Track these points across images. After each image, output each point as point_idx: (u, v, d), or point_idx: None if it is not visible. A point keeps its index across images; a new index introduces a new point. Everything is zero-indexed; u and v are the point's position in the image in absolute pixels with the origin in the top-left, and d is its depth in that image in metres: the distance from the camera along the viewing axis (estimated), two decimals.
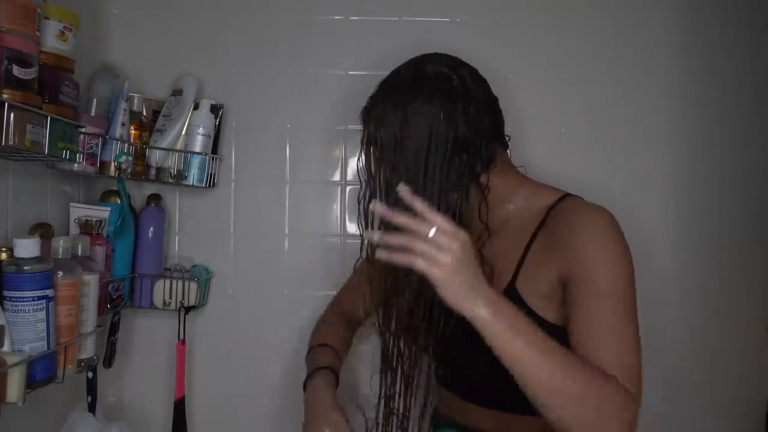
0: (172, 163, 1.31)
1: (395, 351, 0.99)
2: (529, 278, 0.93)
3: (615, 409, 0.79)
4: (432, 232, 0.76)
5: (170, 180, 1.31)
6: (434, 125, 0.92)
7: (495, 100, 1.01)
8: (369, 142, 0.99)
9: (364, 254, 1.00)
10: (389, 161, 0.95)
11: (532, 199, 0.99)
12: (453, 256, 0.76)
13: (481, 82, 1.00)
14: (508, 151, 1.03)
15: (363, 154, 1.00)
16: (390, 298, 0.98)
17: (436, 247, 0.76)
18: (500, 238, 0.98)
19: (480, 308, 0.77)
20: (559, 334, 0.90)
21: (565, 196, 0.98)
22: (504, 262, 0.96)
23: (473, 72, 1.00)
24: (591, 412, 0.78)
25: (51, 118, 0.96)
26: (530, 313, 0.89)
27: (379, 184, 0.97)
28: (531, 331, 0.79)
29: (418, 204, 0.77)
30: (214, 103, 1.34)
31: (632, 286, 0.88)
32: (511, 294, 0.93)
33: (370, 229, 0.97)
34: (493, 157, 0.98)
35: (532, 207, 0.98)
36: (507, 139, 1.03)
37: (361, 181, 1.01)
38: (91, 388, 1.23)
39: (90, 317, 1.08)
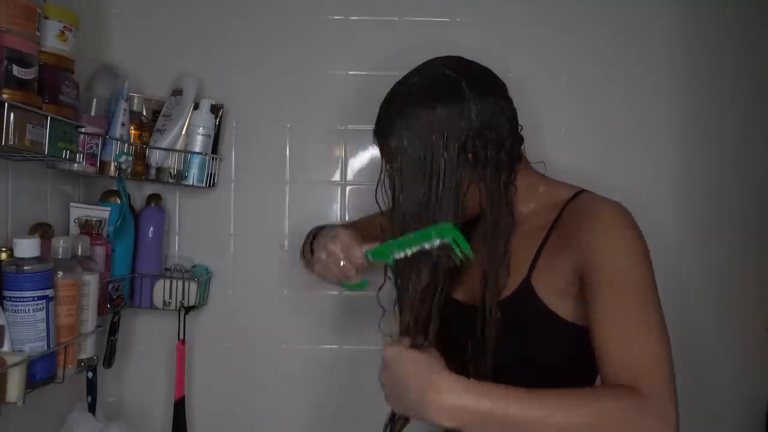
0: (172, 163, 1.31)
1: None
2: (544, 273, 0.93)
3: (631, 424, 0.74)
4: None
5: (170, 180, 1.31)
6: (444, 131, 0.92)
7: (509, 99, 1.00)
8: (384, 158, 0.99)
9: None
10: (401, 175, 0.95)
11: (549, 196, 0.99)
12: (385, 377, 0.83)
13: (494, 83, 0.99)
14: (523, 147, 1.03)
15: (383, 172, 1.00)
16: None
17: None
18: (517, 236, 0.98)
19: (441, 419, 0.76)
20: (573, 331, 0.90)
21: (581, 192, 0.98)
22: (520, 259, 0.96)
23: (484, 73, 0.99)
24: None
25: (51, 118, 0.96)
26: (545, 310, 0.90)
27: (396, 198, 0.97)
28: (512, 409, 0.74)
29: None
30: (214, 103, 1.34)
31: (652, 278, 0.84)
32: (527, 289, 0.93)
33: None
34: (519, 156, 0.98)
35: (548, 203, 0.98)
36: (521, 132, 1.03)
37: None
38: (91, 388, 1.23)
39: (90, 317, 1.08)
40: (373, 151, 1.41)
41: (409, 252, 0.92)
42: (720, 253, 1.41)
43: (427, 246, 0.91)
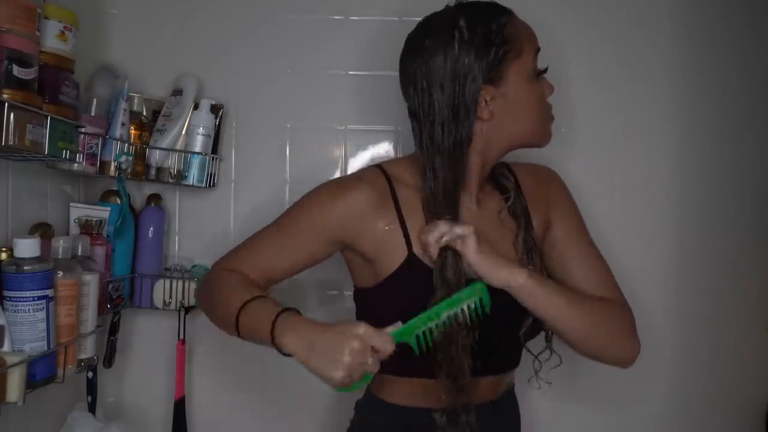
0: (172, 163, 1.31)
1: None
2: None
3: (620, 323, 1.03)
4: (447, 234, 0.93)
5: (170, 180, 1.32)
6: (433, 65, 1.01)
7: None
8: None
9: None
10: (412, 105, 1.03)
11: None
12: (471, 238, 0.93)
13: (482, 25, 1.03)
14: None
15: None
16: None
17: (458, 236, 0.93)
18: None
19: (516, 276, 0.93)
20: None
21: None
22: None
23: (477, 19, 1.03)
24: (604, 335, 1.01)
25: (51, 118, 0.96)
26: None
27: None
28: (558, 287, 0.99)
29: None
30: (214, 103, 1.34)
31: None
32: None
33: None
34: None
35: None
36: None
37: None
38: (91, 388, 1.23)
39: (90, 317, 1.08)
40: (372, 151, 1.42)
41: (436, 324, 0.91)
42: (720, 253, 1.41)
43: (457, 311, 0.92)
